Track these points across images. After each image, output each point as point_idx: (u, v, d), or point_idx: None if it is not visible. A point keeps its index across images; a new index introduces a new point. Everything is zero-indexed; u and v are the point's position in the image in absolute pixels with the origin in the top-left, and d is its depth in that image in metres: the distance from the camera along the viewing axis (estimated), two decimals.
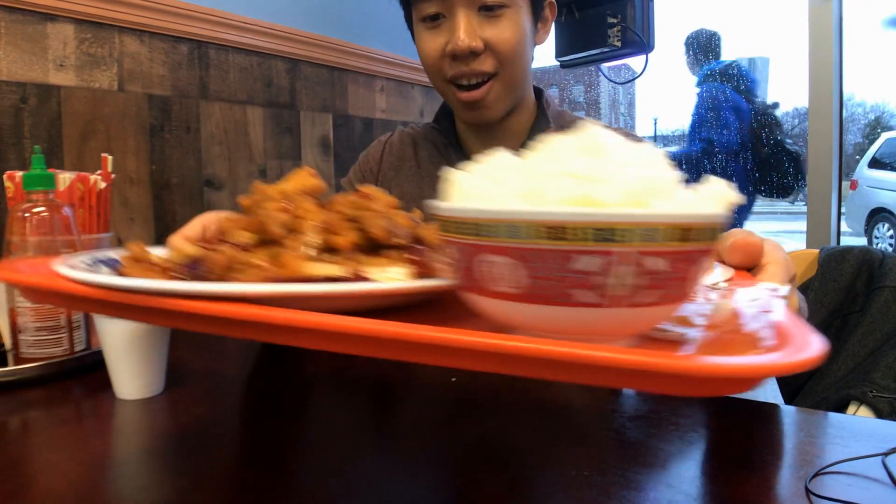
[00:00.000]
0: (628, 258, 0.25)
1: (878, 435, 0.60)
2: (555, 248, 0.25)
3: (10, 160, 1.24)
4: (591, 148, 0.30)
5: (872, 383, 1.06)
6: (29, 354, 0.81)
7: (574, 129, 0.32)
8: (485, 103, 0.98)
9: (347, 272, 0.40)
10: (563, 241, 0.25)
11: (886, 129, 7.77)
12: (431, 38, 0.96)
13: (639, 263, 0.25)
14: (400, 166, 1.15)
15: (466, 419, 0.66)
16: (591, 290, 0.26)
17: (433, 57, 0.97)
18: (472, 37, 0.92)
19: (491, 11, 0.93)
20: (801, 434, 0.63)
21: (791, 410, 0.71)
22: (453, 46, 0.93)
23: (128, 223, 1.44)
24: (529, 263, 0.26)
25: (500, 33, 0.94)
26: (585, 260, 0.25)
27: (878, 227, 8.30)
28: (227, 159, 1.66)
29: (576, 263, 0.25)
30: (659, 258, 0.26)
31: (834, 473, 0.52)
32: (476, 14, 0.93)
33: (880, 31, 4.13)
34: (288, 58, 1.80)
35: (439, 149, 1.13)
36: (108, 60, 1.39)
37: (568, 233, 0.25)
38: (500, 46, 0.94)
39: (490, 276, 0.28)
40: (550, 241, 0.25)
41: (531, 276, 0.26)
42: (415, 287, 0.39)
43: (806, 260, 1.28)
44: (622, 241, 0.25)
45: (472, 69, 0.95)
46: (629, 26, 1.72)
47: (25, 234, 0.80)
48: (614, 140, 0.31)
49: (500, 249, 0.26)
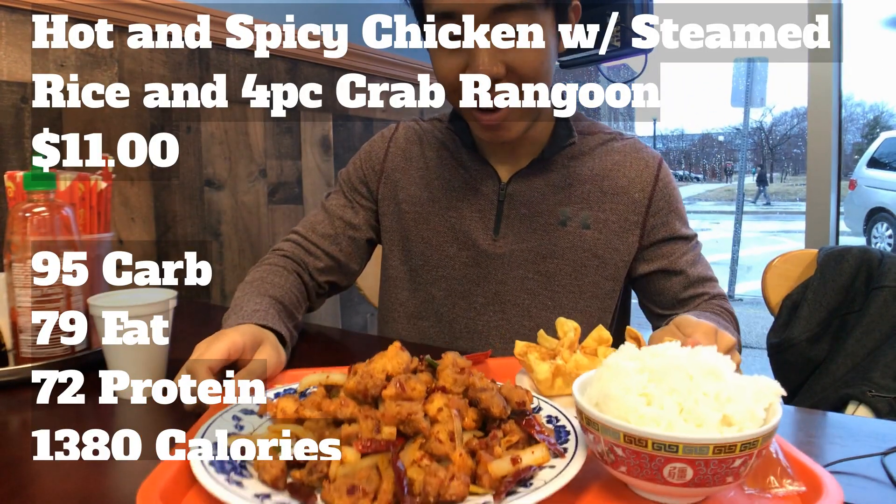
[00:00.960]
0: (751, 457, 0.44)
1: (878, 434, 0.60)
2: (719, 458, 0.43)
3: (10, 160, 1.24)
4: (712, 372, 0.48)
5: (871, 382, 1.06)
6: (30, 354, 0.81)
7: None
8: (504, 126, 0.93)
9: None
10: (727, 453, 0.43)
11: (885, 128, 7.76)
12: (448, 60, 0.90)
13: (747, 459, 0.44)
14: (406, 167, 1.10)
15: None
16: (733, 476, 0.44)
17: (451, 78, 0.90)
18: (494, 62, 0.86)
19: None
20: (801, 433, 0.64)
21: (790, 410, 0.71)
22: (473, 73, 0.86)
23: (128, 223, 1.44)
24: (697, 466, 0.43)
25: (523, 56, 0.87)
26: (738, 461, 0.43)
27: (876, 227, 8.31)
28: (227, 159, 1.66)
29: (733, 464, 0.43)
30: (751, 457, 0.45)
31: (833, 473, 0.52)
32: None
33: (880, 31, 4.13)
34: (288, 58, 1.80)
35: (450, 149, 1.08)
36: (108, 60, 1.39)
37: (729, 448, 0.43)
38: (523, 70, 0.88)
39: (666, 473, 0.44)
40: (715, 454, 0.43)
41: (695, 473, 0.44)
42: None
43: (805, 260, 1.28)
44: (752, 448, 0.44)
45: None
46: (629, 26, 1.72)
47: (26, 234, 0.80)
48: (725, 365, 0.49)
49: (679, 459, 0.43)
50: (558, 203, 1.01)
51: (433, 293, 1.06)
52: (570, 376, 0.64)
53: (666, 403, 0.45)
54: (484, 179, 1.04)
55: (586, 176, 1.02)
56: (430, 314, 1.07)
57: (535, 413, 0.58)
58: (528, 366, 0.66)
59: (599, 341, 0.68)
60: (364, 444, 0.47)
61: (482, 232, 1.03)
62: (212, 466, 0.46)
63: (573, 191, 1.02)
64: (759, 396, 0.46)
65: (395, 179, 1.10)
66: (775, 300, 1.28)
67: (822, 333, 1.20)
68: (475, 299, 1.04)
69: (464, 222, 1.04)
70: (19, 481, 0.54)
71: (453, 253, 1.04)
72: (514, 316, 1.03)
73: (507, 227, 1.02)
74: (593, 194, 1.01)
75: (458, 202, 1.05)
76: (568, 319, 0.71)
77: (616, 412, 0.46)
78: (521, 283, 1.02)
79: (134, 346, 0.73)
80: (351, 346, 0.99)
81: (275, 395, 0.62)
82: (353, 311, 2.12)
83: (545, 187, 1.02)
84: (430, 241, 1.06)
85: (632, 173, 1.02)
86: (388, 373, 0.55)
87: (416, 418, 0.48)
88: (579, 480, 0.46)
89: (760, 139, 46.82)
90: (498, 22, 0.85)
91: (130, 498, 0.45)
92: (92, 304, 0.74)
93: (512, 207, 1.02)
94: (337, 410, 0.51)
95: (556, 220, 1.01)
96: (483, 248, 1.03)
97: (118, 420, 0.70)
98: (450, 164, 1.08)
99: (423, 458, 0.46)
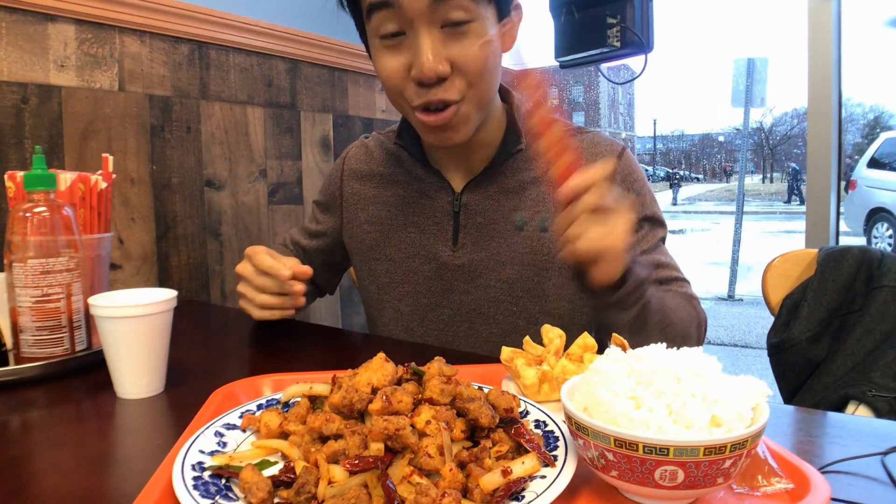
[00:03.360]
0: (741, 457, 0.44)
1: (878, 434, 0.60)
2: (710, 459, 0.43)
3: (10, 160, 1.24)
4: (699, 373, 0.47)
5: (871, 382, 1.06)
6: (30, 354, 0.81)
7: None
8: (451, 126, 0.90)
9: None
10: (718, 454, 0.43)
11: (885, 129, 7.77)
12: (391, 57, 0.87)
13: (736, 460, 0.44)
14: (361, 189, 1.11)
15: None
16: (723, 477, 0.44)
17: (394, 79, 0.87)
18: (439, 59, 0.83)
19: (456, 28, 0.83)
20: (801, 433, 0.64)
21: (790, 410, 0.71)
22: (418, 73, 0.84)
23: (128, 223, 1.44)
24: (688, 468, 0.43)
25: (467, 52, 0.84)
26: (728, 462, 0.43)
27: (877, 227, 8.31)
28: (227, 159, 1.66)
29: (723, 465, 0.43)
30: (741, 457, 0.44)
31: (833, 472, 0.52)
32: (440, 31, 0.83)
33: (880, 31, 4.13)
34: (288, 58, 1.80)
35: (402, 163, 1.08)
36: (108, 61, 1.39)
37: (719, 449, 0.43)
38: (469, 66, 0.85)
39: (657, 476, 0.43)
40: (706, 456, 0.43)
41: (686, 475, 0.43)
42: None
43: (805, 260, 1.28)
44: (741, 448, 0.44)
45: (440, 98, 0.86)
46: (628, 26, 1.72)
47: (26, 234, 0.80)
48: (711, 366, 0.49)
49: (670, 462, 0.43)
50: (513, 208, 1.00)
51: (401, 309, 1.06)
52: (557, 381, 0.64)
53: (655, 406, 0.46)
54: (437, 191, 1.04)
55: (540, 177, 1.00)
56: (401, 330, 1.08)
57: (523, 418, 0.57)
58: (514, 371, 0.66)
59: (585, 348, 0.69)
60: (352, 463, 0.46)
61: (442, 244, 1.03)
62: (196, 491, 0.45)
63: (527, 194, 1.00)
64: (747, 397, 0.46)
65: (353, 203, 1.12)
66: (775, 300, 1.28)
67: (822, 333, 1.20)
68: (442, 311, 1.04)
69: (423, 236, 1.04)
70: (19, 481, 0.54)
71: (416, 267, 1.04)
72: (481, 325, 1.02)
73: (464, 237, 1.01)
74: (548, 195, 0.99)
75: (415, 217, 1.05)
76: (553, 327, 0.72)
77: (605, 416, 0.46)
78: (483, 291, 1.01)
79: (134, 346, 0.73)
80: (351, 346, 0.99)
81: (257, 407, 0.61)
82: (353, 312, 2.12)
83: (498, 194, 1.01)
84: (394, 258, 1.06)
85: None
86: (374, 385, 0.54)
87: (404, 434, 0.47)
88: (570, 486, 0.46)
89: (760, 139, 46.81)
90: (439, 15, 0.82)
91: (130, 498, 0.45)
92: (92, 304, 0.74)
93: (468, 217, 1.01)
94: (322, 426, 0.50)
95: (512, 225, 0.99)
96: (444, 261, 1.02)
97: (118, 420, 0.70)
98: (402, 178, 1.07)
99: (413, 473, 0.46)
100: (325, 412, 0.52)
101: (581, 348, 0.69)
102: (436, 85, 0.85)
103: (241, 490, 0.45)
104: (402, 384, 0.56)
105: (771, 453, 0.51)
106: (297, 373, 0.73)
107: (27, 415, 0.71)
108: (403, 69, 0.86)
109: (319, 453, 0.48)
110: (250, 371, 0.76)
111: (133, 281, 1.45)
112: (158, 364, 0.76)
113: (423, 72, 0.83)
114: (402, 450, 0.48)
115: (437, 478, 0.46)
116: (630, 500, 0.47)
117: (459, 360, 0.71)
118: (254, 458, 0.52)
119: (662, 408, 0.45)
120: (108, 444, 0.64)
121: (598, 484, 0.50)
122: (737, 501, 0.47)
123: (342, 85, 1.99)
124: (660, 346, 0.52)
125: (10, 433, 0.66)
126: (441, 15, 0.82)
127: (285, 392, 0.61)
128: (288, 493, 0.46)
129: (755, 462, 0.50)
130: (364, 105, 2.07)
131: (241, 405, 0.61)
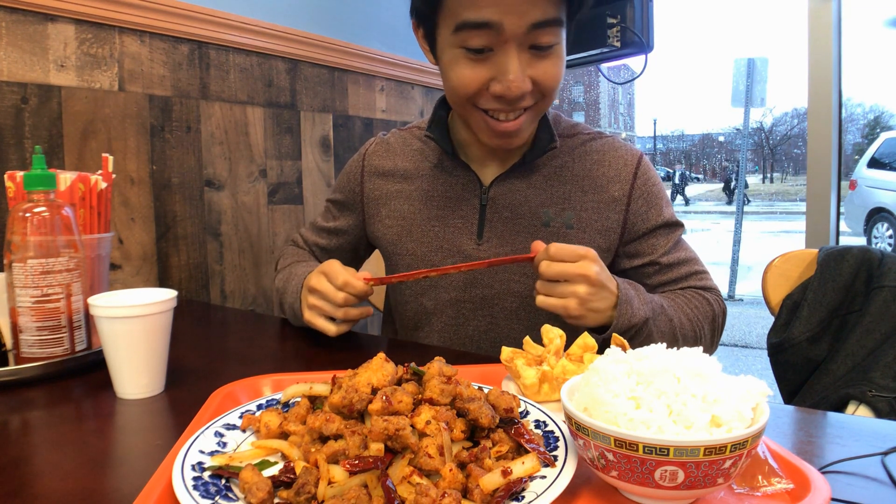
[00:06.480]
0: (741, 457, 0.44)
1: (878, 434, 0.60)
2: (710, 460, 0.43)
3: (10, 160, 1.24)
4: (699, 373, 0.47)
5: (871, 382, 1.06)
6: (30, 354, 0.81)
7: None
8: (518, 132, 0.94)
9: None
10: (718, 454, 0.43)
11: (885, 129, 7.77)
12: (473, 68, 0.89)
13: (737, 460, 0.44)
14: (384, 184, 1.11)
15: None
16: (723, 477, 0.44)
17: (471, 87, 0.90)
18: (524, 78, 0.87)
19: (542, 50, 0.88)
20: (801, 433, 0.64)
21: (790, 410, 0.71)
22: (505, 90, 0.87)
23: (128, 223, 1.44)
24: (688, 469, 0.43)
25: (548, 72, 0.89)
26: (728, 462, 0.43)
27: (877, 227, 8.31)
28: (227, 159, 1.66)
29: (723, 465, 0.43)
30: (741, 458, 0.44)
31: (833, 472, 0.52)
32: (527, 52, 0.88)
33: (880, 32, 4.14)
34: (288, 58, 1.80)
35: (429, 158, 1.09)
36: (108, 61, 1.39)
37: (720, 449, 0.43)
38: (547, 84, 0.90)
39: (658, 476, 0.43)
40: (706, 456, 0.43)
41: (686, 475, 0.43)
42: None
43: (805, 260, 1.28)
44: (741, 448, 0.43)
45: (515, 108, 0.91)
46: (629, 26, 1.72)
47: (26, 234, 0.80)
48: (711, 365, 0.48)
49: (670, 462, 0.43)
50: (541, 204, 1.02)
51: (424, 303, 1.07)
52: (557, 381, 0.64)
53: (655, 406, 0.46)
54: (466, 185, 1.05)
55: (567, 176, 1.03)
56: (425, 324, 1.08)
57: (523, 418, 0.57)
58: (514, 372, 0.66)
59: (585, 348, 0.69)
60: (352, 463, 0.46)
61: (466, 237, 1.03)
62: (196, 491, 0.45)
63: (555, 192, 1.02)
64: (747, 397, 0.46)
65: (374, 199, 1.12)
66: (775, 300, 1.28)
67: (822, 333, 1.20)
68: (463, 306, 1.04)
69: (447, 230, 1.05)
70: (19, 481, 0.54)
71: (438, 262, 1.05)
72: (503, 320, 1.03)
73: (490, 230, 1.02)
74: (575, 194, 1.02)
75: (440, 210, 1.06)
76: (553, 327, 0.72)
77: (606, 417, 0.46)
78: (506, 286, 1.02)
79: (134, 346, 0.73)
80: (351, 346, 0.99)
81: (257, 407, 0.61)
82: None
83: (527, 189, 1.02)
84: (416, 253, 1.06)
85: (611, 172, 1.03)
86: (374, 385, 0.54)
87: (404, 434, 0.47)
88: (570, 487, 0.46)
89: (761, 139, 46.79)
90: (531, 38, 0.86)
91: (130, 498, 0.45)
92: (92, 304, 0.74)
93: (494, 211, 1.03)
94: (322, 427, 0.50)
95: (539, 221, 1.01)
96: (468, 254, 1.03)
97: (118, 420, 0.70)
98: (428, 173, 1.08)
99: (413, 473, 0.46)
100: (325, 412, 0.52)
101: (581, 348, 0.69)
102: (516, 98, 0.89)
103: (241, 490, 0.45)
104: (402, 384, 0.56)
105: (771, 453, 0.51)
106: (297, 373, 0.73)
107: (27, 415, 0.71)
108: (483, 80, 0.89)
109: (319, 453, 0.48)
110: (250, 371, 0.76)
111: (133, 281, 1.45)
112: (158, 364, 0.76)
113: (511, 90, 0.87)
114: (402, 450, 0.48)
115: (437, 478, 0.46)
116: (630, 500, 0.47)
117: (459, 359, 0.71)
118: (254, 458, 0.52)
119: (662, 408, 0.45)
120: (108, 445, 0.64)
121: (598, 484, 0.50)
122: (737, 501, 0.47)
123: (342, 85, 1.99)
124: (660, 346, 0.52)
125: (10, 433, 0.66)
126: (532, 39, 0.87)
127: (285, 392, 0.61)
128: (288, 493, 0.46)
129: (755, 462, 0.50)
130: (364, 105, 2.07)
131: (241, 405, 0.61)
